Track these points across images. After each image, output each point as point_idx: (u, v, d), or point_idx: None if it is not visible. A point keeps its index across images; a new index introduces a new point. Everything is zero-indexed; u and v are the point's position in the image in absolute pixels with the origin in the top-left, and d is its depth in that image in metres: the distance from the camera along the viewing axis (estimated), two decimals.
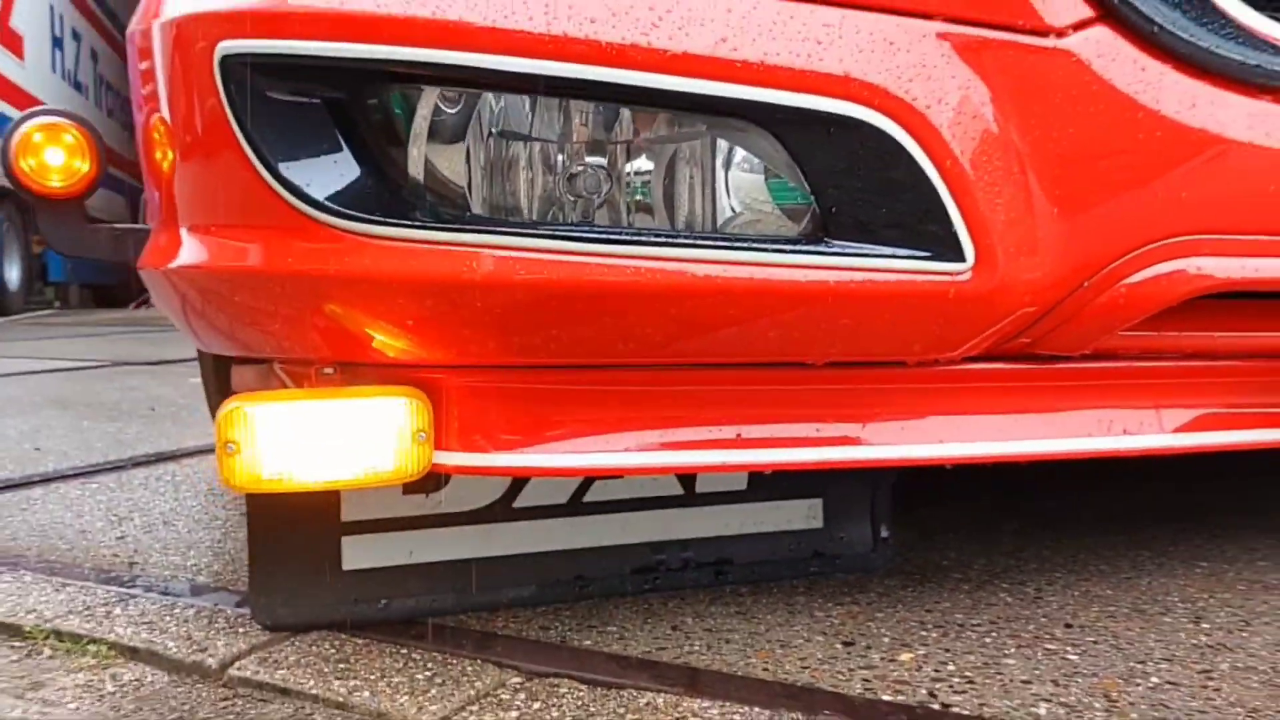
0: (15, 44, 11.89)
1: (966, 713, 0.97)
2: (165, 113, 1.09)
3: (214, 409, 2.28)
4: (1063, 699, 1.00)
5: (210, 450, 2.40)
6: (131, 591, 1.37)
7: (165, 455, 2.39)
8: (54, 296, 14.05)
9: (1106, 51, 1.04)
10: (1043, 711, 0.97)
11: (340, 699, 1.03)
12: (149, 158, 1.17)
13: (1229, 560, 1.42)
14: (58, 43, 13.93)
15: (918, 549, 1.48)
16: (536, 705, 1.00)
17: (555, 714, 0.98)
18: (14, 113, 11.77)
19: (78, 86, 15.04)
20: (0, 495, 1.99)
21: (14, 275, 11.94)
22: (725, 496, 1.36)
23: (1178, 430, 1.24)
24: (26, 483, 2.10)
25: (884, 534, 1.41)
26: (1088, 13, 1.03)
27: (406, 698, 1.02)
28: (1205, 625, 1.19)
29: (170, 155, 1.09)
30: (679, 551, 1.34)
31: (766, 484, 1.36)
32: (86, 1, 15.26)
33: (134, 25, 1.14)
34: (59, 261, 14.34)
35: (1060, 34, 1.03)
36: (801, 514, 1.39)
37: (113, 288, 16.48)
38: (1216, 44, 1.07)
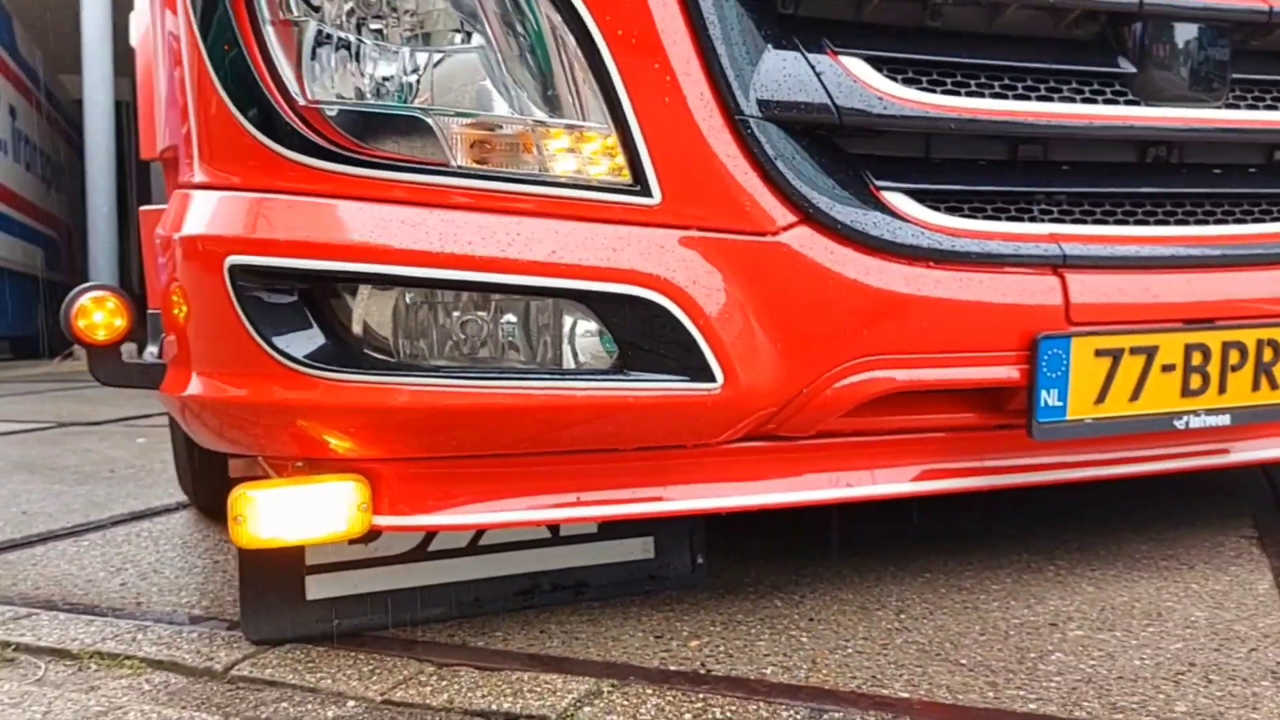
0: None
1: (720, 674, 1.52)
2: (182, 284, 1.61)
3: (182, 475, 2.76)
4: (784, 664, 1.55)
5: (175, 508, 2.89)
6: (144, 623, 1.86)
7: (139, 514, 2.85)
8: None
9: (807, 242, 1.61)
10: (768, 671, 1.52)
11: (311, 685, 1.54)
12: (167, 310, 1.69)
13: (947, 571, 1.99)
14: None
15: (728, 571, 2.03)
16: (444, 683, 1.52)
17: (456, 686, 1.50)
18: None
19: None
20: (11, 553, 2.45)
21: None
22: (582, 538, 1.90)
23: (886, 483, 1.82)
24: (28, 542, 2.56)
25: (700, 560, 1.96)
26: (793, 218, 1.61)
27: (356, 682, 1.54)
28: (903, 616, 1.76)
29: (185, 309, 1.61)
30: (549, 578, 1.88)
31: (611, 528, 1.90)
32: (3, 58, 15.38)
33: (160, 231, 1.66)
34: None
35: (775, 233, 1.60)
36: (638, 548, 1.93)
37: (31, 338, 16.51)
38: (880, 231, 1.65)
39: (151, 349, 2.12)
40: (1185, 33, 1.81)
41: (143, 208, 2.18)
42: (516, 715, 1.39)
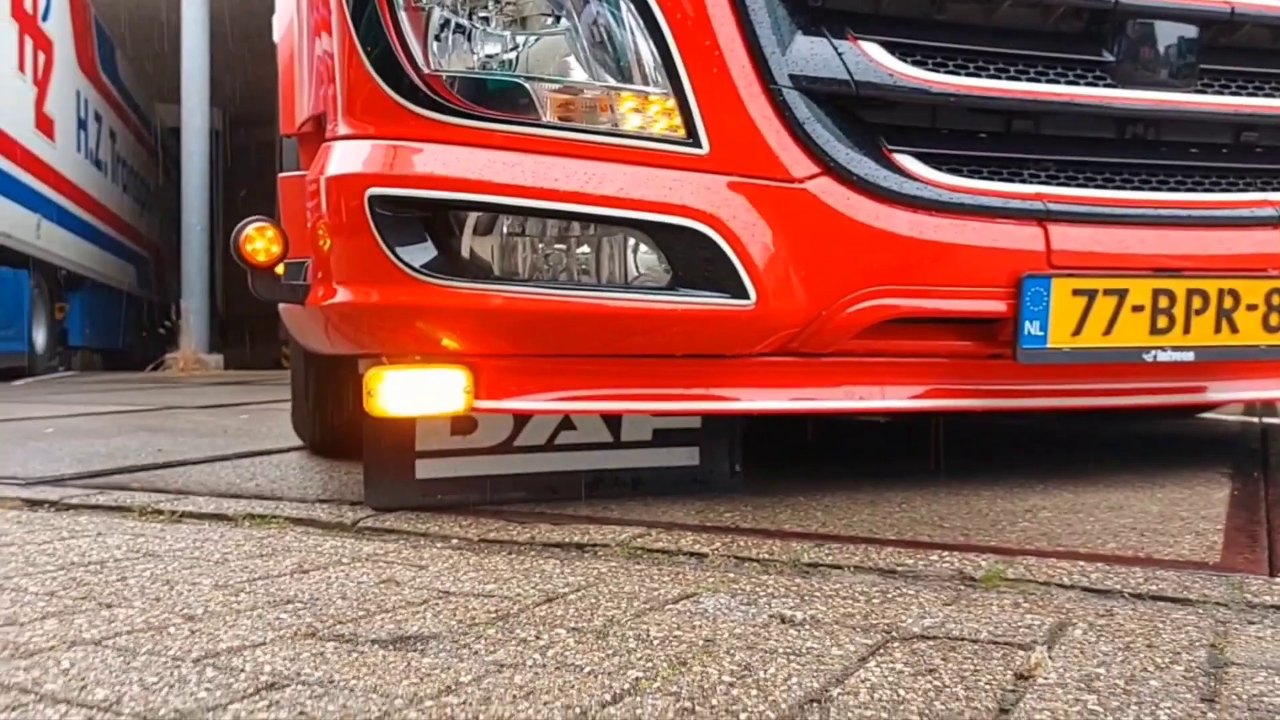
0: (48, 127, 12.87)
1: (746, 527, 1.88)
2: (326, 219, 2.02)
3: (298, 417, 3.19)
4: (800, 526, 1.90)
5: (288, 450, 3.31)
6: (281, 502, 2.27)
7: (257, 453, 3.28)
8: (62, 361, 14.73)
9: (828, 190, 1.99)
10: (786, 527, 1.88)
11: (422, 531, 1.93)
12: (314, 242, 2.11)
13: (950, 483, 2.33)
14: (82, 124, 14.91)
15: (762, 482, 2.38)
16: (526, 530, 1.90)
17: (535, 531, 1.88)
18: (46, 189, 12.78)
19: (98, 164, 16.01)
20: (156, 471, 2.89)
21: (41, 338, 12.77)
22: (639, 444, 2.27)
23: (894, 399, 2.17)
24: (169, 465, 3.00)
25: (737, 468, 2.32)
26: (815, 169, 1.98)
27: (458, 529, 1.92)
28: (904, 505, 2.10)
29: (329, 242, 2.03)
30: (611, 474, 2.25)
31: (662, 437, 2.27)
32: (107, 85, 16.26)
33: (309, 177, 2.08)
34: (79, 327, 15.20)
35: (801, 181, 1.98)
36: (685, 455, 2.30)
37: (123, 352, 17.34)
38: (889, 184, 2.01)
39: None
40: (1158, 28, 2.16)
41: (282, 175, 2.61)
42: (584, 545, 1.77)
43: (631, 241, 1.95)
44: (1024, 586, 1.41)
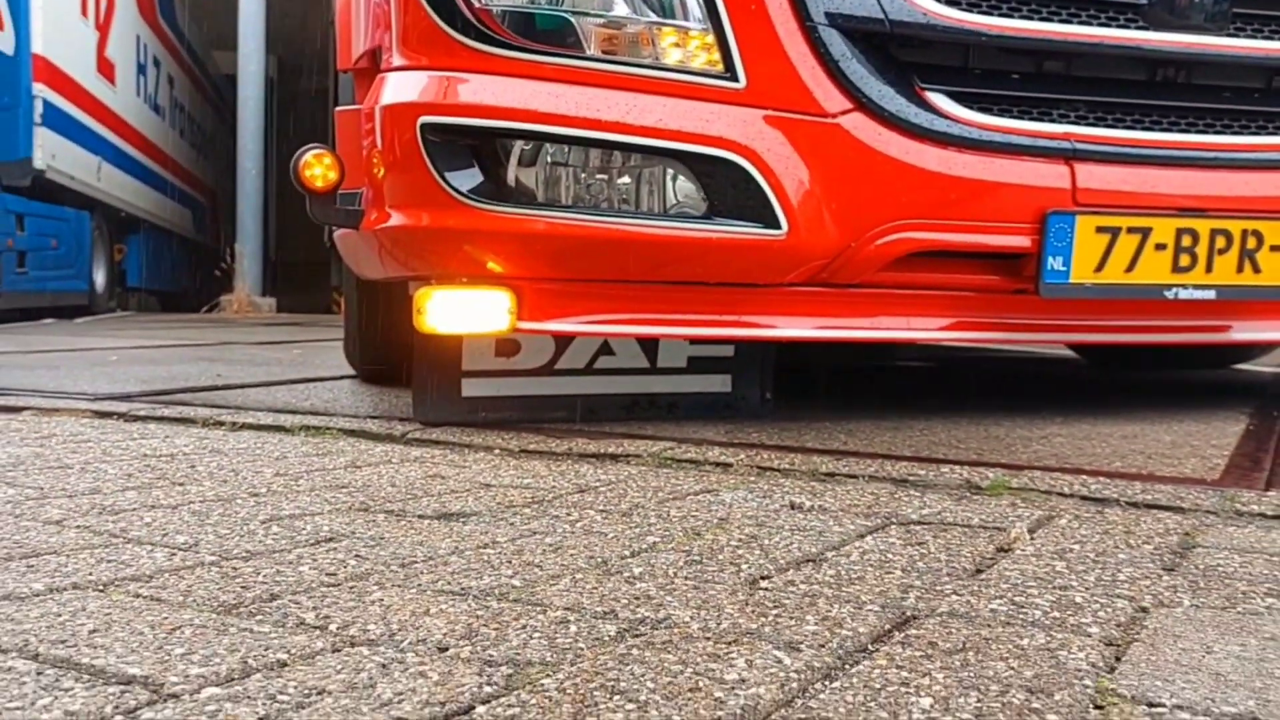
0: (109, 71, 13.11)
1: (771, 444, 1.98)
2: (380, 147, 2.14)
3: (349, 346, 3.32)
4: (822, 444, 2.00)
5: (339, 378, 3.46)
6: (333, 417, 2.41)
7: (310, 379, 3.44)
8: (120, 301, 15.06)
9: (859, 125, 2.06)
10: (808, 444, 1.98)
11: (466, 443, 2.05)
12: (369, 170, 2.22)
13: (975, 414, 2.41)
14: (141, 69, 15.15)
15: (791, 410, 2.49)
16: (564, 443, 2.01)
17: (572, 443, 1.99)
18: (106, 133, 13.04)
19: (156, 109, 16.27)
20: (217, 392, 3.05)
21: (100, 279, 13.10)
22: (674, 370, 2.38)
23: (919, 330, 2.26)
24: (228, 387, 3.16)
25: (768, 396, 2.42)
26: (848, 105, 2.06)
27: (500, 441, 2.04)
28: (925, 431, 2.19)
29: (383, 170, 2.14)
30: (647, 398, 2.36)
31: (697, 363, 2.38)
32: (165, 31, 16.47)
33: (363, 108, 2.19)
34: (137, 268, 15.54)
35: (834, 116, 2.05)
36: (718, 382, 2.41)
37: (178, 294, 17.70)
38: (920, 120, 2.09)
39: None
40: None
41: (338, 109, 2.72)
42: (618, 455, 1.88)
43: (670, 172, 2.04)
44: (1025, 494, 1.51)
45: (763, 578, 0.97)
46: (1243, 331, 2.47)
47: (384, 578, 0.95)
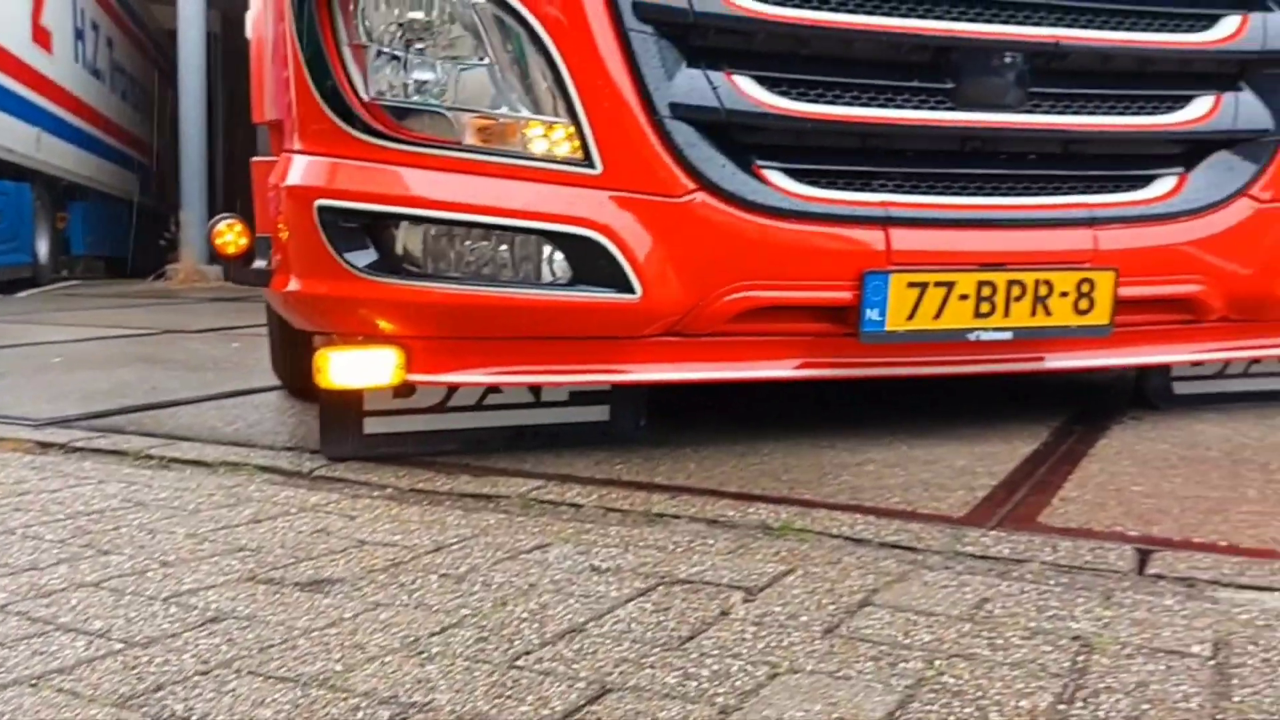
0: (45, 39, 13.04)
1: (625, 479, 2.33)
2: (286, 217, 2.44)
3: (275, 363, 3.62)
4: (670, 475, 2.35)
5: (269, 389, 3.76)
6: (254, 449, 2.72)
7: (241, 391, 3.74)
8: (65, 269, 15.03)
9: (704, 204, 2.39)
10: (658, 479, 2.33)
11: (364, 480, 2.38)
12: (275, 234, 2.52)
13: (814, 440, 2.77)
14: (79, 35, 15.01)
15: (662, 435, 2.83)
16: (449, 480, 2.35)
17: (456, 482, 2.33)
18: (45, 102, 13.01)
19: (96, 74, 16.15)
20: (151, 412, 3.35)
21: (43, 249, 13.12)
22: (556, 403, 2.71)
23: (764, 370, 2.61)
24: (161, 405, 3.45)
25: (642, 423, 2.77)
26: (693, 186, 2.38)
27: (394, 479, 2.38)
28: (764, 457, 2.55)
29: (287, 233, 2.44)
30: (532, 430, 2.70)
31: (577, 396, 2.71)
32: None
33: (272, 180, 2.49)
34: (81, 236, 15.54)
35: (680, 195, 2.38)
36: (598, 412, 2.75)
37: (124, 259, 17.69)
38: (756, 197, 2.42)
39: (260, 261, 2.95)
40: (993, 58, 2.54)
41: (254, 159, 3.00)
42: (490, 495, 2.22)
43: (539, 246, 2.36)
44: (802, 535, 1.87)
45: (526, 653, 1.31)
46: (1055, 361, 2.84)
47: (244, 664, 1.28)
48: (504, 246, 2.36)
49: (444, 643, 1.34)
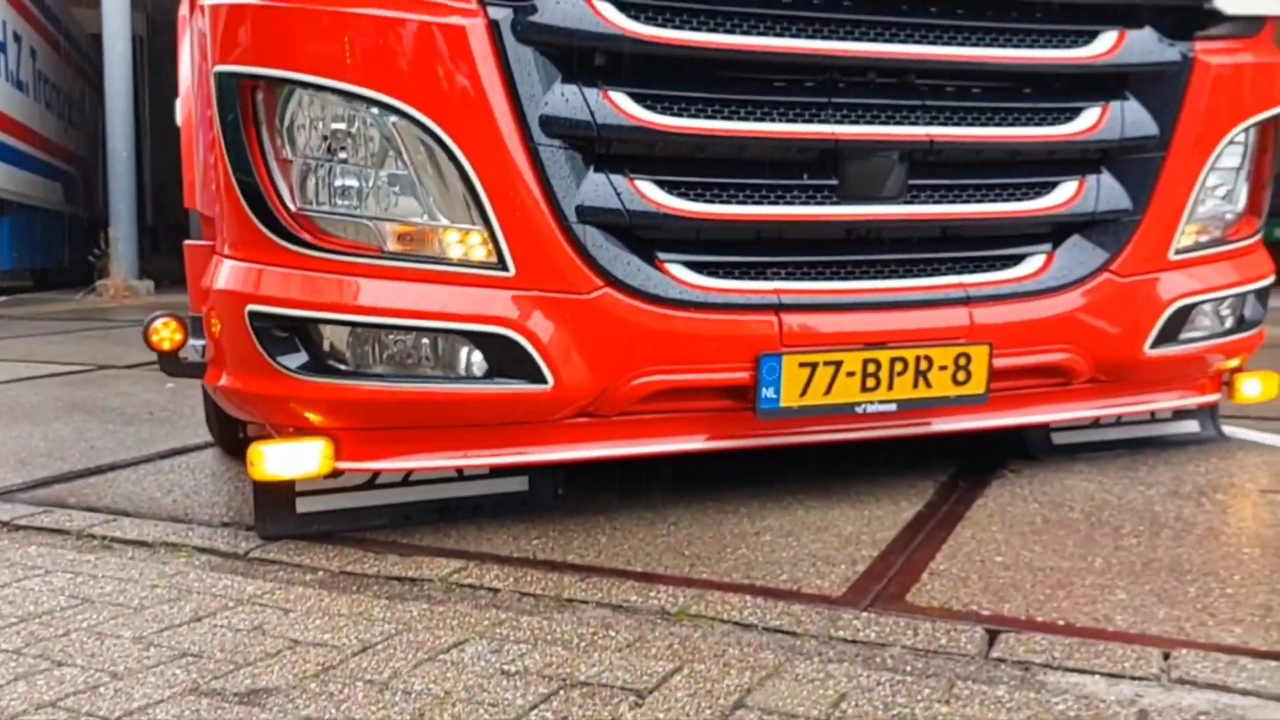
0: None
1: (541, 559, 2.53)
2: (217, 315, 2.60)
3: (210, 426, 3.76)
4: (583, 552, 2.56)
5: (204, 447, 3.90)
6: (192, 525, 2.88)
7: (179, 450, 3.88)
8: None
9: (610, 299, 2.60)
10: (570, 558, 2.54)
11: (297, 563, 2.56)
12: (208, 326, 2.68)
13: (721, 505, 2.99)
14: (1, 48, 14.81)
15: (578, 503, 3.03)
16: (378, 562, 2.53)
17: (384, 563, 2.51)
18: None
19: (20, 86, 15.92)
20: (92, 478, 3.48)
21: None
22: (478, 477, 2.91)
23: (673, 444, 2.82)
24: (100, 470, 3.59)
25: (559, 492, 2.97)
26: (600, 284, 2.59)
27: (325, 560, 2.55)
28: (671, 527, 2.76)
29: (220, 327, 2.60)
30: (456, 502, 2.89)
31: (499, 471, 2.91)
32: (25, 5, 16.07)
33: (205, 282, 2.65)
34: (8, 251, 15.37)
35: (589, 293, 2.59)
36: (517, 484, 2.94)
37: (52, 270, 17.48)
38: (659, 290, 2.63)
39: (194, 341, 3.09)
40: (873, 157, 2.78)
41: (187, 243, 3.14)
42: (416, 579, 2.41)
43: (457, 344, 2.55)
44: (697, 621, 2.09)
45: None
46: (941, 424, 3.08)
47: None
48: (425, 345, 2.55)
49: None
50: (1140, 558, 2.46)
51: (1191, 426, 3.67)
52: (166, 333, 2.70)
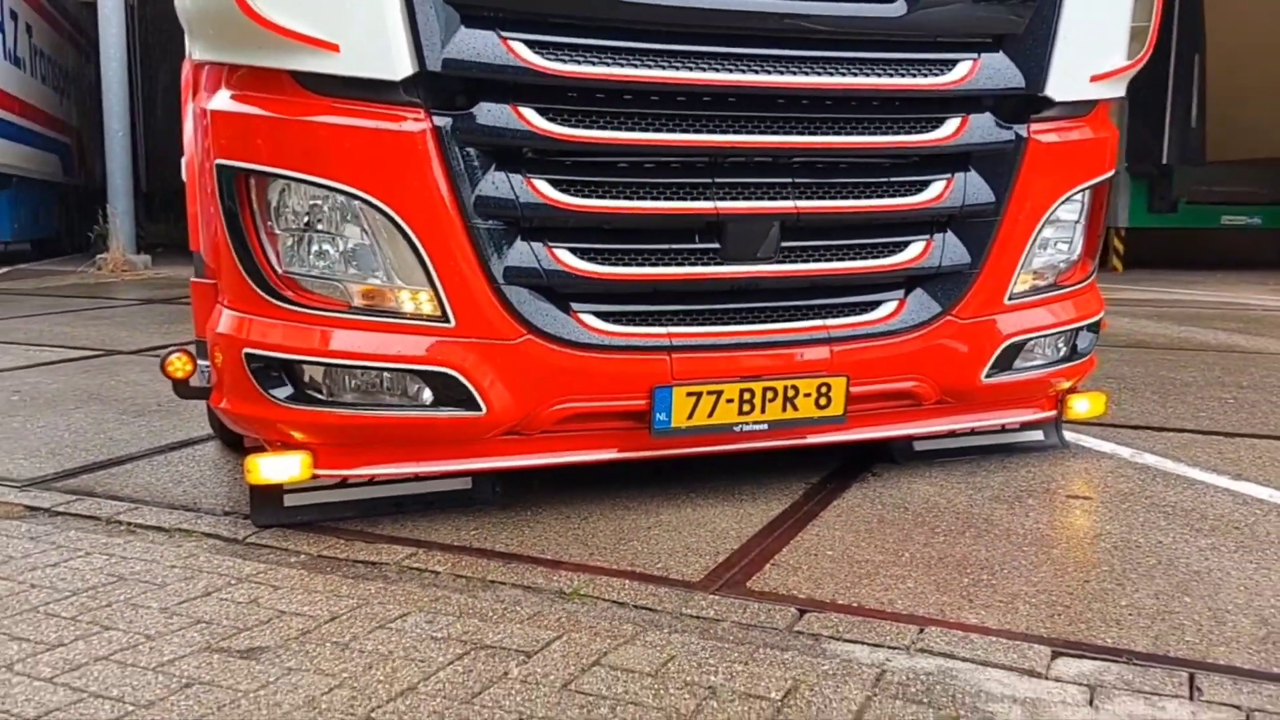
0: None
1: (475, 546, 3.23)
2: (219, 350, 3.28)
3: (212, 424, 4.45)
4: (509, 542, 3.25)
5: (207, 439, 4.59)
6: (201, 514, 3.57)
7: (187, 442, 4.56)
8: None
9: (532, 343, 3.28)
10: (497, 546, 3.23)
11: (283, 547, 3.25)
12: (212, 356, 3.36)
13: (634, 505, 3.68)
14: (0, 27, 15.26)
15: (513, 498, 3.72)
16: (346, 547, 3.22)
17: (352, 549, 3.21)
18: None
19: (17, 62, 16.38)
20: (115, 467, 4.16)
21: None
22: (431, 477, 3.60)
23: (586, 455, 3.52)
24: (120, 461, 4.27)
25: (497, 489, 3.66)
26: (524, 332, 3.27)
27: (306, 545, 3.25)
28: (584, 521, 3.46)
29: (221, 359, 3.28)
30: (411, 499, 3.58)
31: (452, 476, 3.60)
32: None
33: (210, 327, 3.32)
34: (8, 223, 15.93)
35: (515, 339, 3.27)
36: (464, 483, 3.63)
37: (52, 239, 18.03)
38: (572, 336, 3.31)
39: (202, 363, 3.76)
40: (749, 224, 3.45)
41: (193, 280, 3.81)
42: (376, 563, 3.11)
43: (410, 380, 3.24)
44: (585, 599, 2.79)
45: (377, 707, 2.21)
46: (815, 437, 3.78)
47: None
48: (385, 380, 3.23)
49: (329, 700, 2.24)
50: (939, 553, 3.17)
51: (1037, 436, 4.38)
52: (179, 364, 3.39)
